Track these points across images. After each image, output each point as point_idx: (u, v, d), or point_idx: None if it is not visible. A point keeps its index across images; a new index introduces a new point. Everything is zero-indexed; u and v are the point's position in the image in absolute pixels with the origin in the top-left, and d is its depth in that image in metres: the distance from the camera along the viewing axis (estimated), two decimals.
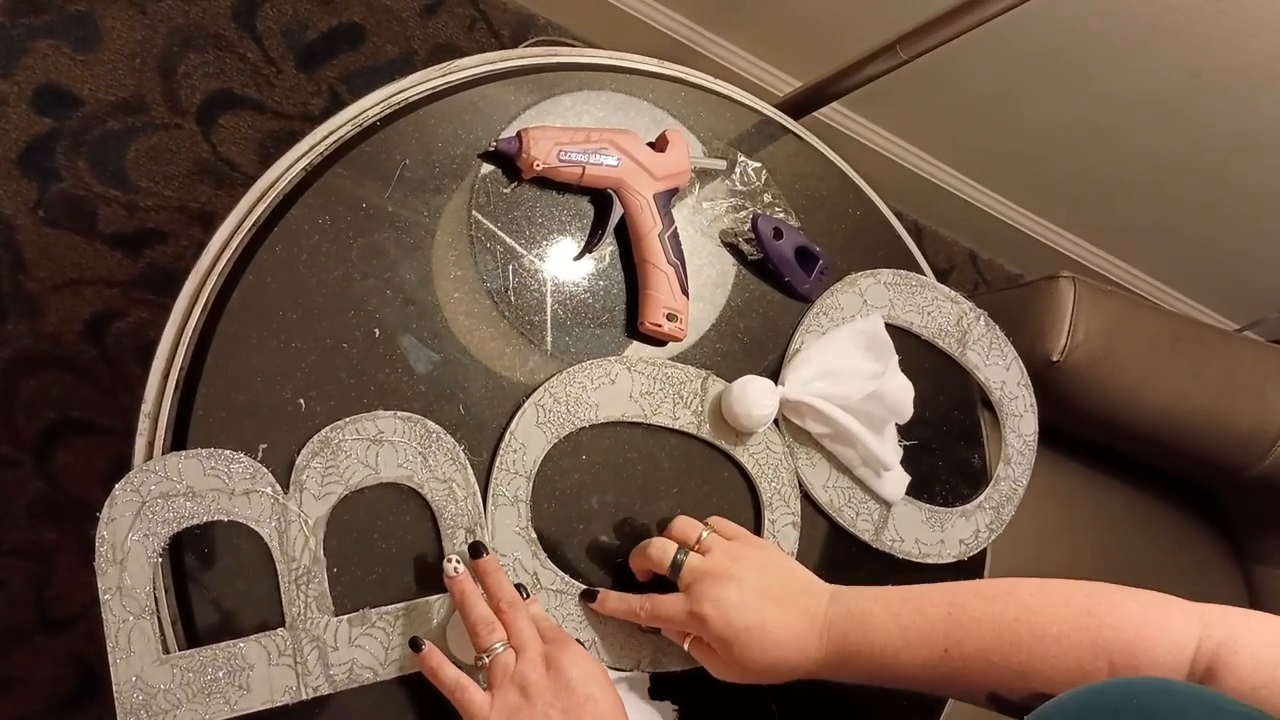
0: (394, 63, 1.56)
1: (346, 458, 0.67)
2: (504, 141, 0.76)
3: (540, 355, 0.76)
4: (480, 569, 0.67)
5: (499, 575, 0.67)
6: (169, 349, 0.68)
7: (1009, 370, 0.94)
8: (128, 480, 0.62)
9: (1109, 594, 0.60)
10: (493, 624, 0.64)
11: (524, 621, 0.64)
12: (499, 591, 0.65)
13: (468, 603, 0.64)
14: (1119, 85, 1.47)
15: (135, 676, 0.61)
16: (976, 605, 0.62)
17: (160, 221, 1.40)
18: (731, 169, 0.87)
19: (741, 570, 0.68)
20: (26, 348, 1.32)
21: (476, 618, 0.64)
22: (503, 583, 0.66)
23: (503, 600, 0.65)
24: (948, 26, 0.97)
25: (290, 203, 0.71)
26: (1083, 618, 0.58)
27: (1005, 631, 0.60)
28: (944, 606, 0.63)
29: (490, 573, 0.66)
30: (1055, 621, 0.59)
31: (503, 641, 0.63)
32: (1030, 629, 0.59)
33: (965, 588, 0.64)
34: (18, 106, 1.35)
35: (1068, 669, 0.58)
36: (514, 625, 0.64)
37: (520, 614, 0.64)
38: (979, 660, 0.60)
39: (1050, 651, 0.58)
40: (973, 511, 0.90)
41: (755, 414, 0.78)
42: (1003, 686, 0.60)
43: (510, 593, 0.66)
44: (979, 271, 2.02)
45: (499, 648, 0.63)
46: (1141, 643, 0.56)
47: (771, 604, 0.66)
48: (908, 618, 0.63)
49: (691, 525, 0.73)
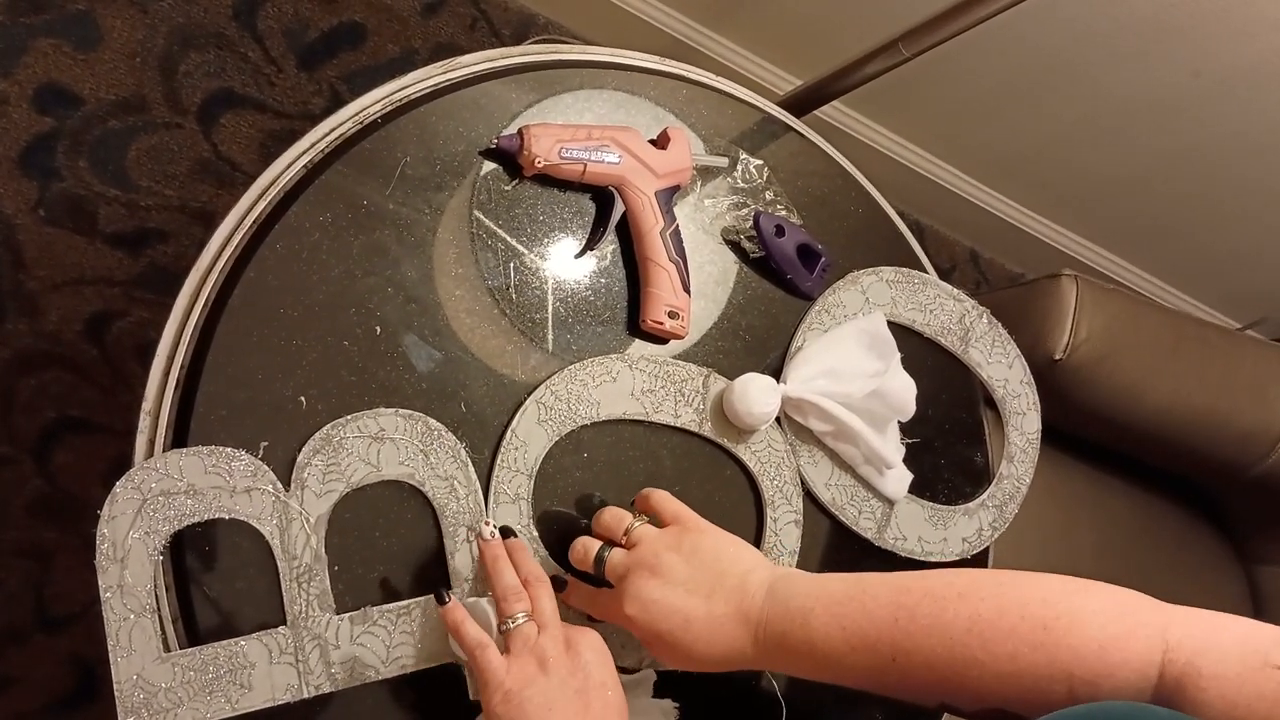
0: (395, 62, 1.55)
1: (348, 455, 0.67)
2: (505, 139, 0.76)
3: (541, 353, 0.76)
4: (510, 547, 0.67)
5: (525, 553, 0.67)
6: (170, 347, 0.67)
7: (1011, 368, 0.94)
8: (129, 478, 0.62)
9: (1070, 602, 0.55)
10: (521, 593, 0.64)
11: (548, 599, 0.64)
12: (527, 567, 0.66)
13: (499, 568, 0.65)
14: (1121, 85, 1.47)
15: (136, 675, 0.61)
16: (926, 610, 0.57)
17: (161, 221, 1.39)
18: (733, 166, 0.87)
19: (668, 563, 0.64)
20: (27, 347, 1.32)
21: (506, 585, 0.64)
22: (529, 560, 0.67)
23: (530, 576, 0.65)
24: (950, 24, 0.97)
25: (291, 200, 0.71)
26: (1039, 634, 0.54)
27: (957, 646, 0.56)
28: (890, 609, 0.58)
29: (519, 550, 0.67)
30: (1010, 637, 0.54)
31: (526, 613, 0.63)
32: (983, 644, 0.55)
33: (915, 584, 0.59)
34: (18, 105, 1.34)
35: (1024, 688, 0.54)
36: (539, 601, 0.64)
37: (545, 591, 0.65)
38: (926, 673, 0.57)
39: (1004, 669, 0.54)
40: (975, 510, 0.90)
41: (757, 412, 0.78)
42: (955, 699, 0.57)
43: (538, 570, 0.66)
44: (980, 270, 2.02)
45: (522, 618, 0.63)
46: (1102, 666, 0.52)
47: (697, 600, 0.63)
48: (851, 620, 0.59)
49: (618, 517, 0.70)
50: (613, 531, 0.69)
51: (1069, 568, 1.19)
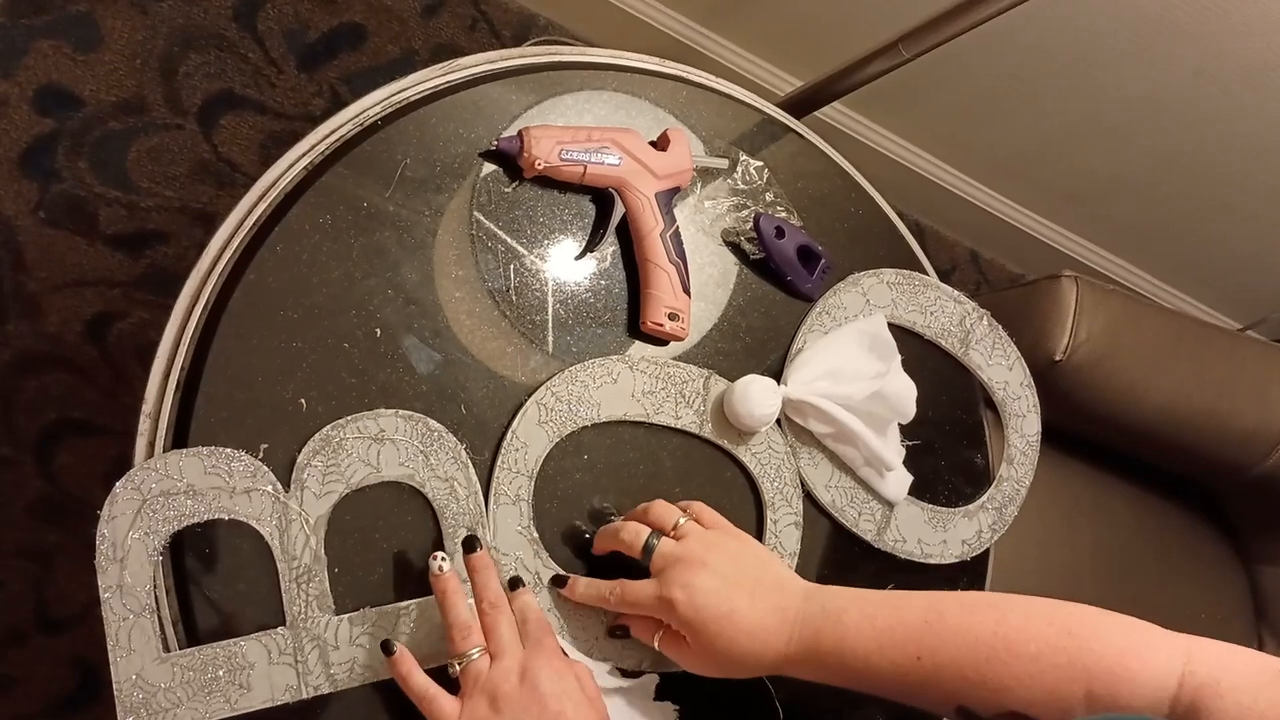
0: (395, 63, 1.56)
1: (348, 456, 0.67)
2: (505, 141, 0.76)
3: (542, 355, 0.76)
4: (470, 564, 0.65)
5: (488, 573, 0.65)
6: (170, 348, 0.67)
7: (1012, 370, 0.94)
8: (129, 478, 0.62)
9: (1093, 616, 0.58)
10: (469, 629, 0.62)
11: (505, 625, 0.62)
12: (484, 591, 0.64)
13: (447, 603, 0.63)
14: (1122, 84, 1.47)
15: (135, 675, 0.61)
16: (956, 614, 0.60)
17: (161, 222, 1.39)
18: (733, 168, 0.87)
19: (715, 558, 0.66)
20: (27, 348, 1.32)
21: (453, 621, 0.62)
22: (490, 581, 0.64)
23: (485, 600, 0.63)
24: (950, 25, 0.97)
25: (291, 202, 0.71)
26: (1063, 638, 0.57)
27: (981, 645, 0.58)
28: (922, 613, 0.61)
29: (479, 569, 0.65)
30: (1034, 639, 0.57)
31: (480, 647, 0.61)
32: (1007, 644, 0.58)
33: (948, 596, 0.63)
34: (19, 107, 1.35)
35: (1043, 689, 0.56)
36: (494, 630, 0.62)
37: (502, 617, 0.63)
38: (952, 671, 0.59)
39: (1026, 669, 0.57)
40: (975, 512, 0.90)
41: (758, 414, 0.78)
42: (974, 701, 0.58)
43: (495, 593, 0.64)
44: (981, 271, 2.02)
45: (474, 653, 0.61)
46: (1122, 671, 0.55)
47: (742, 594, 0.65)
48: (884, 621, 0.62)
49: (669, 510, 0.71)
50: (664, 523, 0.70)
51: (1070, 568, 1.20)
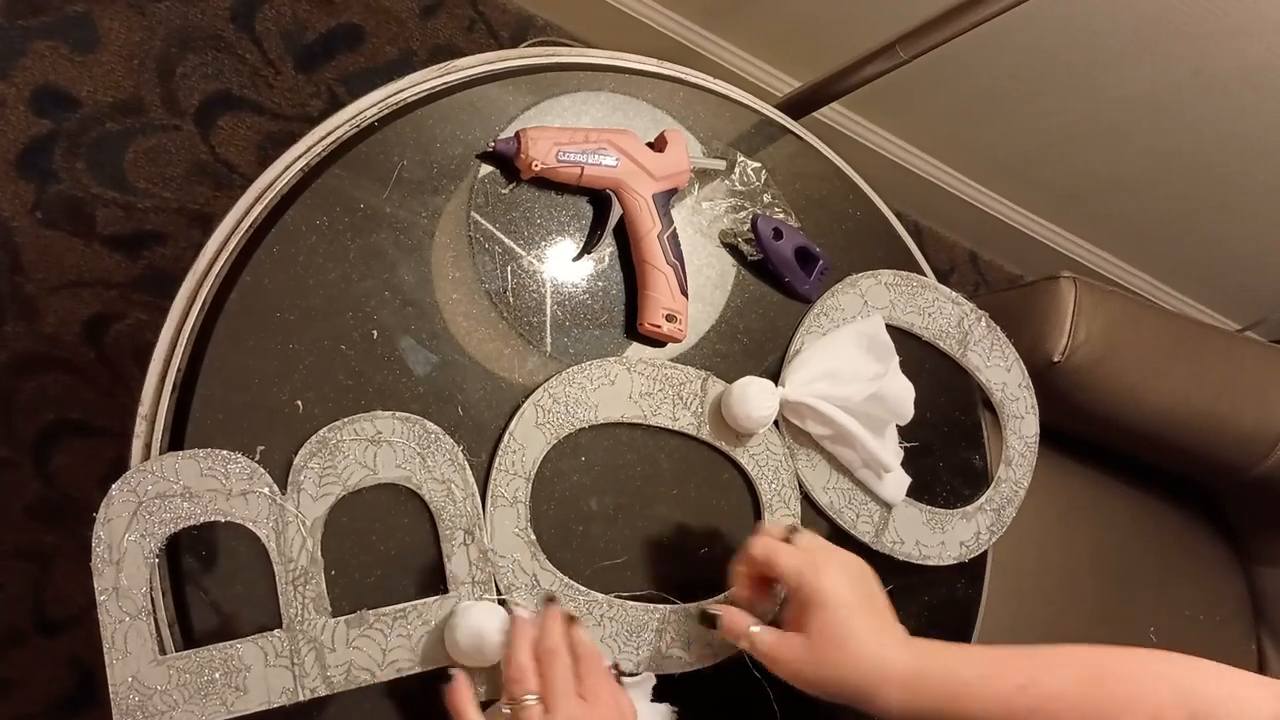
0: (393, 64, 1.55)
1: (344, 458, 0.67)
2: (502, 142, 0.76)
3: (539, 356, 0.76)
4: (546, 611, 0.66)
5: (551, 621, 0.65)
6: (166, 350, 0.67)
7: (1010, 372, 0.94)
8: (125, 480, 0.62)
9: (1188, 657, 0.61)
10: (526, 672, 0.62)
11: (559, 673, 0.62)
12: (545, 638, 0.64)
13: (516, 645, 0.64)
14: (1120, 85, 1.47)
15: (131, 677, 0.61)
16: (1057, 650, 0.63)
17: (159, 223, 1.39)
18: (731, 169, 0.87)
19: (847, 563, 0.69)
20: (25, 349, 1.32)
21: (518, 664, 0.63)
22: (552, 629, 0.64)
23: (542, 646, 0.63)
24: (948, 26, 0.97)
25: (288, 203, 0.70)
26: (1162, 664, 0.60)
27: (1086, 669, 0.61)
28: (1023, 651, 0.64)
29: (550, 619, 0.65)
30: (1135, 663, 0.61)
31: (534, 695, 0.61)
32: (1112, 668, 0.61)
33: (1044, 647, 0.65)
34: (16, 108, 1.34)
35: (1146, 714, 0.58)
36: (550, 676, 0.62)
37: (557, 665, 0.63)
38: (1056, 699, 0.60)
39: (1129, 692, 0.59)
40: (973, 513, 0.90)
41: (755, 415, 0.78)
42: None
43: (554, 640, 0.64)
44: (979, 272, 2.02)
45: (530, 700, 0.61)
46: (1222, 696, 0.57)
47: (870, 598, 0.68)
48: (983, 653, 0.64)
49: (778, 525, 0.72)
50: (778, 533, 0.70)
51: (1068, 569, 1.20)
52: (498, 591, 0.70)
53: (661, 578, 0.76)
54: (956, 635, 0.90)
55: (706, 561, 0.79)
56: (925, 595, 0.88)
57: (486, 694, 0.68)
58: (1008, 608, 1.10)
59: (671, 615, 0.75)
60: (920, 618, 0.87)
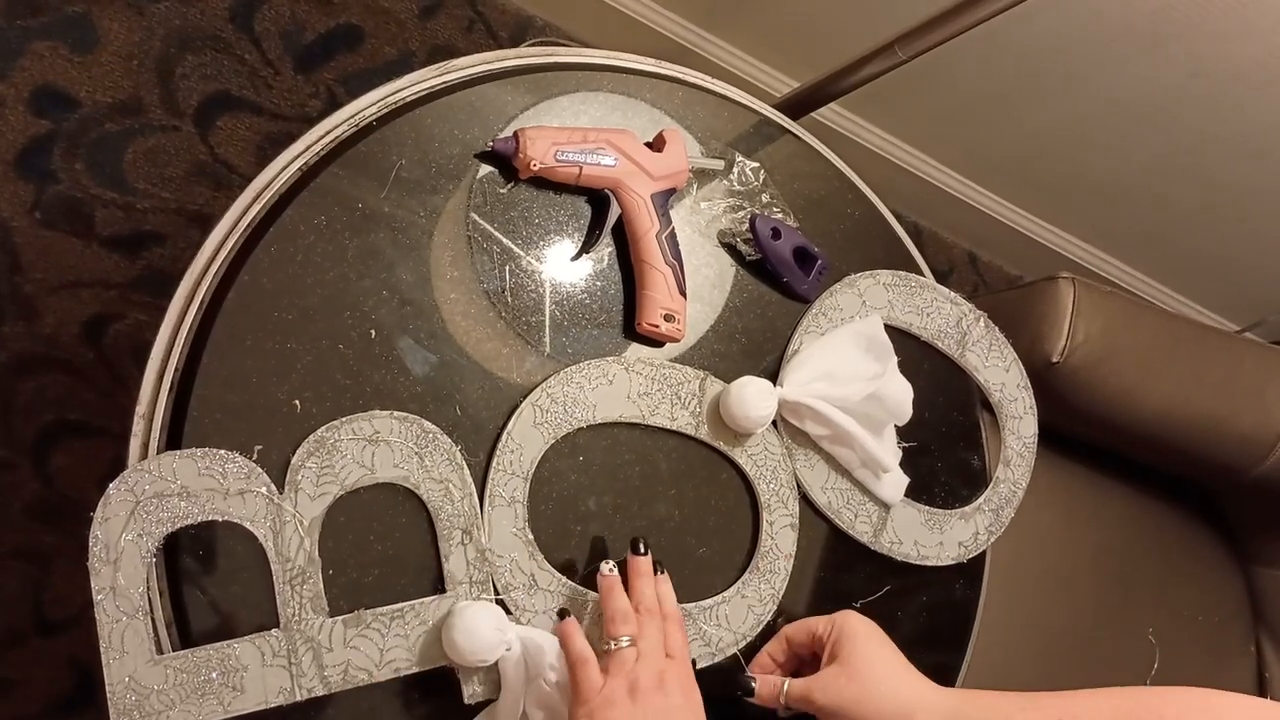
0: (392, 64, 1.55)
1: (342, 458, 0.67)
2: (501, 142, 0.76)
3: (538, 356, 0.76)
4: (633, 567, 0.71)
5: (647, 581, 0.70)
6: (164, 349, 0.67)
7: (1008, 372, 0.94)
8: (122, 480, 0.62)
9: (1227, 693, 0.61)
10: (629, 617, 0.67)
11: (654, 629, 0.67)
12: (641, 595, 0.69)
13: (613, 594, 0.68)
14: (1118, 86, 1.47)
15: (129, 677, 0.61)
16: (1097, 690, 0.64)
17: (158, 223, 1.39)
18: (729, 169, 0.87)
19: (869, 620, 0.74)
20: (24, 349, 1.32)
21: (616, 608, 0.67)
22: (647, 589, 0.69)
23: (643, 604, 0.68)
24: (946, 26, 0.97)
25: (286, 203, 0.70)
26: (1198, 699, 0.60)
27: (1123, 706, 0.62)
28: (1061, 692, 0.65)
29: (641, 574, 0.70)
30: (1174, 703, 0.61)
31: (631, 637, 0.66)
32: (1148, 706, 0.61)
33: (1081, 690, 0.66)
34: (15, 108, 1.34)
35: None
36: (646, 629, 0.67)
37: (654, 621, 0.67)
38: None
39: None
40: (972, 514, 0.90)
41: (753, 415, 0.78)
42: None
43: (651, 599, 0.69)
44: (978, 273, 2.02)
45: (625, 642, 0.66)
46: None
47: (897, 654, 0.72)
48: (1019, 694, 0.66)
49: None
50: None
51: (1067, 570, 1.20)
52: (495, 591, 0.70)
53: None
54: (955, 635, 0.90)
55: (704, 561, 0.79)
56: (923, 595, 0.88)
57: (484, 693, 0.68)
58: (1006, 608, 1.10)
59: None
60: (919, 618, 0.87)
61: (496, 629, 0.66)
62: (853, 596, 0.84)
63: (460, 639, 0.65)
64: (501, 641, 0.66)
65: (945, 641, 0.89)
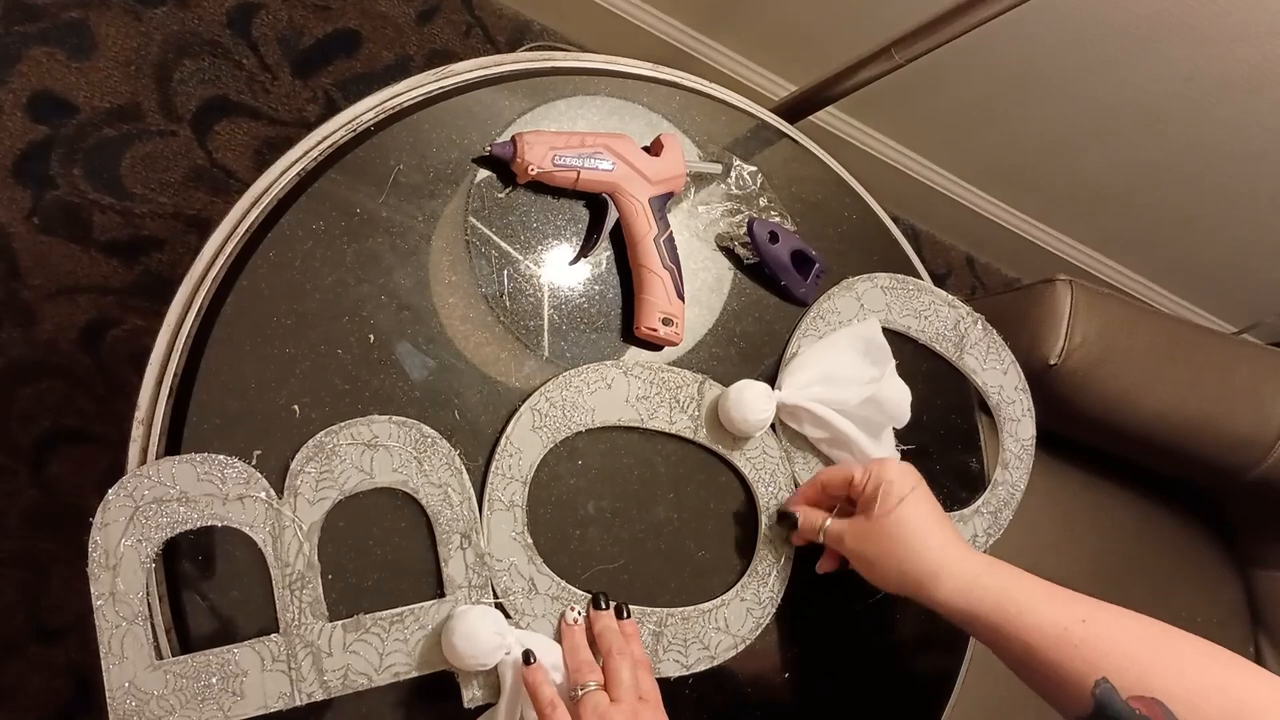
0: (390, 69, 1.56)
1: (341, 463, 0.67)
2: (499, 146, 0.76)
3: (536, 360, 0.76)
4: (595, 620, 0.71)
5: (610, 627, 0.70)
6: (163, 355, 0.67)
7: (1006, 374, 0.94)
8: (121, 485, 0.62)
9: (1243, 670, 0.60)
10: (592, 666, 0.67)
11: (627, 672, 0.67)
12: (610, 640, 0.69)
13: (575, 646, 0.69)
14: (1115, 89, 1.47)
15: (128, 682, 0.61)
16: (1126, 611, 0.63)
17: (156, 229, 1.39)
18: (727, 173, 0.87)
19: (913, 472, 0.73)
20: (21, 356, 1.32)
21: (579, 660, 0.68)
22: (613, 635, 0.69)
23: (613, 648, 0.68)
24: (942, 29, 0.97)
25: (284, 208, 0.71)
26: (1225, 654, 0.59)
27: (1148, 625, 0.61)
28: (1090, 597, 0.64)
29: (603, 622, 0.71)
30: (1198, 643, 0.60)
31: (597, 682, 0.66)
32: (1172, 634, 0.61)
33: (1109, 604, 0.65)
34: (12, 114, 1.34)
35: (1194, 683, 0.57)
36: (618, 673, 0.66)
37: (626, 664, 0.67)
38: (1110, 636, 0.60)
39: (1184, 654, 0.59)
40: (970, 516, 0.90)
41: (752, 419, 0.78)
42: (1119, 675, 0.59)
43: (620, 643, 0.69)
44: (976, 276, 2.02)
45: (593, 686, 0.65)
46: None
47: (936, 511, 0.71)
48: (1049, 584, 0.65)
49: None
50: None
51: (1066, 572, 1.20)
52: (494, 595, 0.70)
53: (658, 581, 0.76)
54: (953, 639, 0.90)
55: (703, 564, 0.79)
56: None
57: (484, 698, 0.68)
58: None
59: (668, 618, 0.75)
60: (917, 621, 0.87)
61: (496, 633, 0.65)
62: (851, 599, 0.84)
63: (460, 643, 0.65)
64: (501, 645, 0.66)
65: (944, 644, 0.89)
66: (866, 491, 0.72)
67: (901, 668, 0.88)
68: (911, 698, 0.88)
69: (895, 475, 0.71)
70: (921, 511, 0.70)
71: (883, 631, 0.86)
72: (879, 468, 0.72)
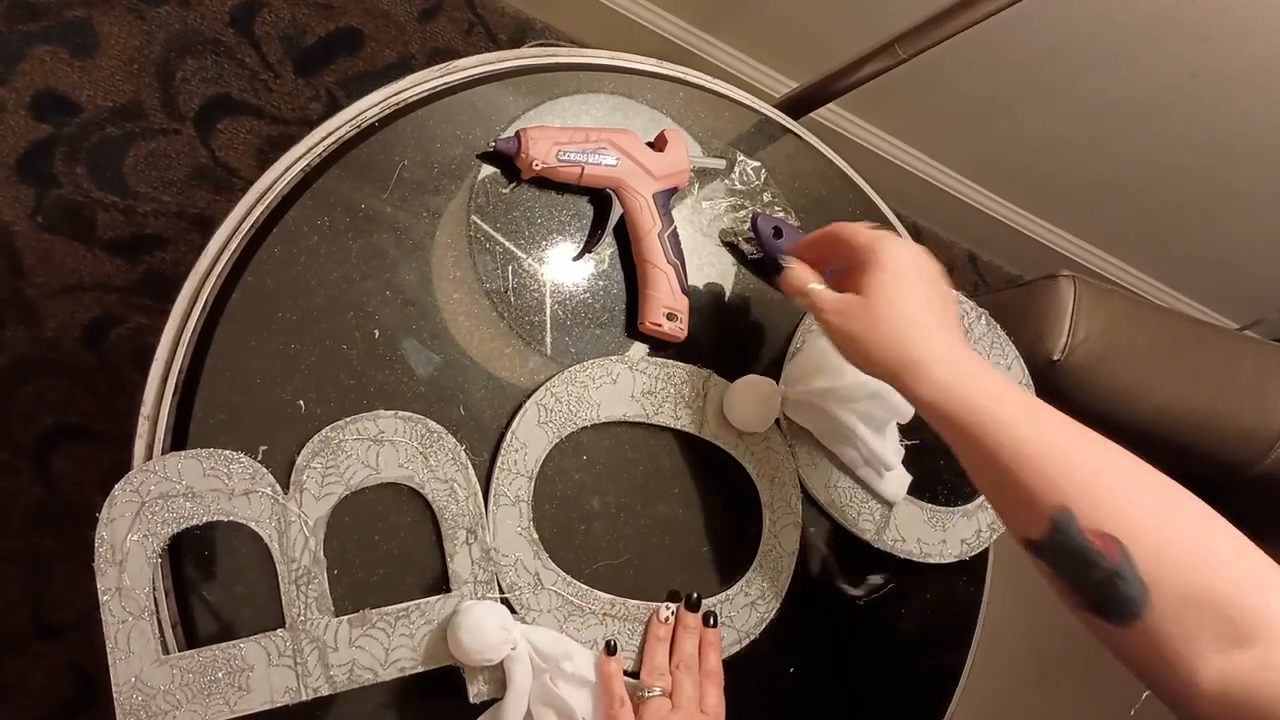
0: (392, 67, 1.56)
1: (347, 458, 0.67)
2: (503, 142, 0.76)
3: (540, 356, 0.76)
4: (681, 620, 0.74)
5: (690, 636, 0.73)
6: (168, 351, 0.67)
7: (1010, 369, 0.94)
8: (127, 480, 0.62)
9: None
10: (664, 674, 0.71)
11: (691, 684, 0.70)
12: (682, 651, 0.72)
13: (654, 648, 0.72)
14: (1118, 86, 1.47)
15: (135, 677, 0.61)
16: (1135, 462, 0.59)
17: (159, 227, 1.39)
18: (731, 168, 0.87)
19: (920, 252, 0.68)
20: (25, 353, 1.32)
21: (653, 664, 0.71)
22: (688, 644, 0.73)
23: (683, 660, 0.71)
24: (946, 25, 0.97)
25: (289, 204, 0.71)
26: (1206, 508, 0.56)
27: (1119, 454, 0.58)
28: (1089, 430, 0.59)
29: (686, 628, 0.73)
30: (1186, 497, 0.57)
31: (664, 690, 0.69)
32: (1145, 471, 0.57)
33: None
34: (16, 113, 1.35)
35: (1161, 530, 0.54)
36: (682, 683, 0.70)
37: (690, 677, 0.70)
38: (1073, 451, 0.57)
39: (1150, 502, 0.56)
40: (974, 511, 0.90)
41: (756, 414, 0.78)
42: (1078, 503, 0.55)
43: (691, 656, 0.72)
44: (978, 272, 2.02)
45: (658, 691, 0.69)
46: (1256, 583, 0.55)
47: (934, 296, 0.66)
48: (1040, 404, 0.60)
49: None
50: None
51: None
52: (500, 590, 0.70)
53: (663, 577, 0.76)
54: (958, 634, 0.90)
55: (707, 559, 0.79)
56: (927, 593, 0.88)
57: (489, 693, 0.68)
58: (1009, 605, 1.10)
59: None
60: (922, 616, 0.87)
61: (501, 628, 0.66)
62: (856, 594, 0.84)
63: (465, 638, 0.65)
64: (507, 640, 0.66)
65: (949, 640, 0.89)
66: (864, 260, 0.65)
67: (906, 664, 0.88)
68: (916, 693, 0.88)
69: (896, 252, 0.65)
70: (916, 293, 0.64)
71: (887, 627, 0.86)
72: (881, 244, 0.65)
